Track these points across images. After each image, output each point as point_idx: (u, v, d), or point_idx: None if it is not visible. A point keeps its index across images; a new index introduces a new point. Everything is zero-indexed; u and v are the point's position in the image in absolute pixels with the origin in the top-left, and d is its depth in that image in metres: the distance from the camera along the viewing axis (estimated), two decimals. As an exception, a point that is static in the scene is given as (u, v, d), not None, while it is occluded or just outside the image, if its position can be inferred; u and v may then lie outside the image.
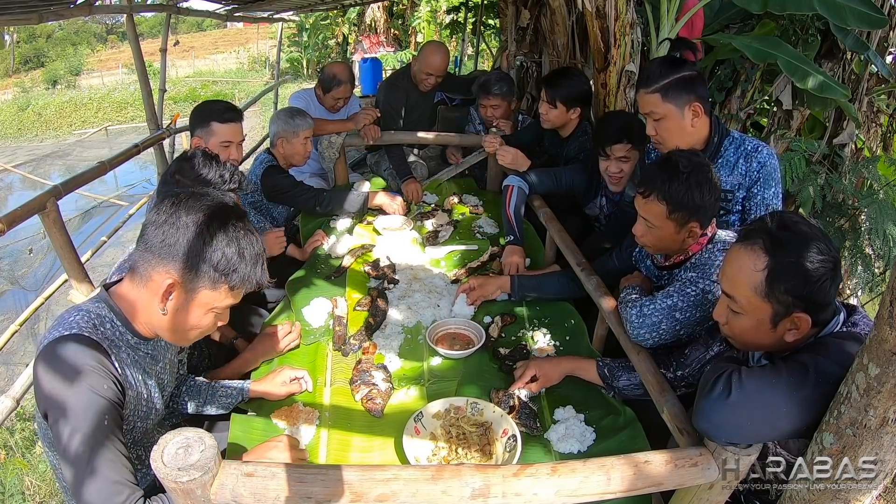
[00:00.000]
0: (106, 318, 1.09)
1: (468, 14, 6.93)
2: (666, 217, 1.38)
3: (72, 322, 1.04)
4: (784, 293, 1.00)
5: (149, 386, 1.18)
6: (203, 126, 1.99)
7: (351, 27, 16.21)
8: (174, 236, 1.02)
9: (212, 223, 1.04)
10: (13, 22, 2.91)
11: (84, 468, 0.94)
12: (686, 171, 1.35)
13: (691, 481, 1.00)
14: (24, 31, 26.83)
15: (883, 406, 0.82)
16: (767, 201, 1.63)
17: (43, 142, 14.60)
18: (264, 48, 22.14)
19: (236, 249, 1.04)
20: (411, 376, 1.60)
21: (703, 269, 1.40)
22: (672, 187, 1.35)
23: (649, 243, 1.48)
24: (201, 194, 1.10)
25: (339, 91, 3.06)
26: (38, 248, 6.62)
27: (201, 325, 1.10)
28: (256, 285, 1.10)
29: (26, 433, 3.35)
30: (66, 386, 0.97)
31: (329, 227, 2.45)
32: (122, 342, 1.10)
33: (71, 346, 1.00)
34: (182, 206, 1.05)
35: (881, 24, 2.24)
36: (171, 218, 1.03)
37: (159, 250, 1.03)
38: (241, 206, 1.87)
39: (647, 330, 1.40)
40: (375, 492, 0.90)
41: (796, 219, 1.04)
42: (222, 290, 1.06)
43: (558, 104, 2.36)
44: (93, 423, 0.96)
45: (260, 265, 1.09)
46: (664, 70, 1.60)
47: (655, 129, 1.66)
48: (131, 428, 1.16)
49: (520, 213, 2.20)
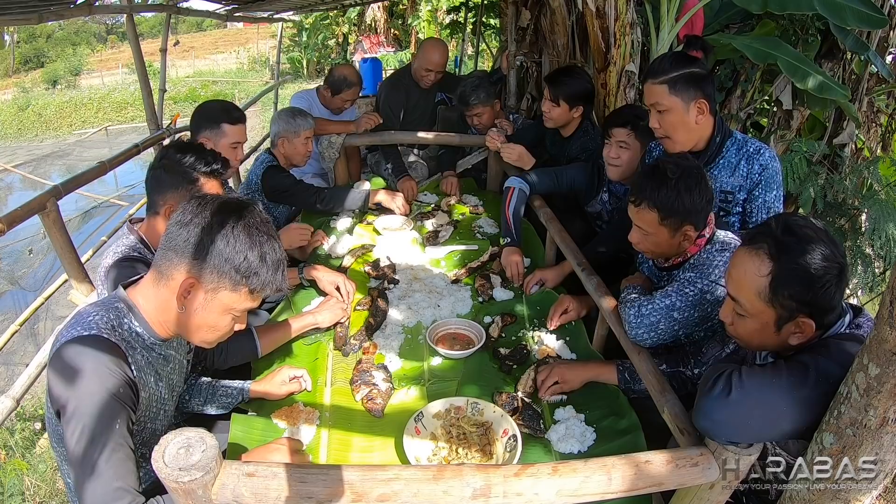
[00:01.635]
0: (124, 319, 1.10)
1: (468, 14, 6.93)
2: (658, 223, 1.39)
3: (90, 322, 1.05)
4: (788, 298, 0.99)
5: (160, 387, 1.18)
6: (213, 127, 1.99)
7: (351, 27, 16.23)
8: (198, 236, 1.03)
9: (237, 225, 1.04)
10: (13, 22, 2.91)
11: (89, 470, 0.94)
12: (674, 176, 1.36)
13: (692, 481, 1.00)
14: (24, 31, 26.85)
15: (883, 406, 0.83)
16: (769, 204, 1.63)
17: (43, 142, 14.61)
18: (264, 48, 22.15)
19: (259, 253, 1.05)
20: (411, 376, 1.60)
21: (701, 269, 1.40)
22: (661, 194, 1.37)
23: (646, 249, 1.50)
24: (229, 199, 1.11)
25: (349, 93, 3.08)
26: (38, 248, 6.62)
27: (219, 326, 1.10)
28: (276, 290, 1.11)
29: (26, 433, 3.35)
30: (81, 386, 0.97)
31: (329, 227, 2.45)
32: (137, 343, 1.11)
33: (88, 347, 1.01)
34: (208, 207, 1.06)
35: (881, 24, 2.24)
36: (197, 219, 1.04)
37: (182, 249, 1.04)
38: (227, 191, 1.88)
39: (644, 330, 1.40)
40: (377, 492, 0.90)
41: (802, 222, 1.03)
42: (243, 293, 1.07)
43: (561, 102, 2.36)
44: (104, 426, 0.97)
45: (281, 271, 1.10)
46: (674, 63, 1.60)
47: (659, 122, 1.65)
48: (142, 429, 1.16)
49: (518, 215, 2.20)
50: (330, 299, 1.83)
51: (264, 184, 2.37)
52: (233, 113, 2.02)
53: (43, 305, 2.93)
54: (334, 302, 1.80)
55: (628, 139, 1.98)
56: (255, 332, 1.61)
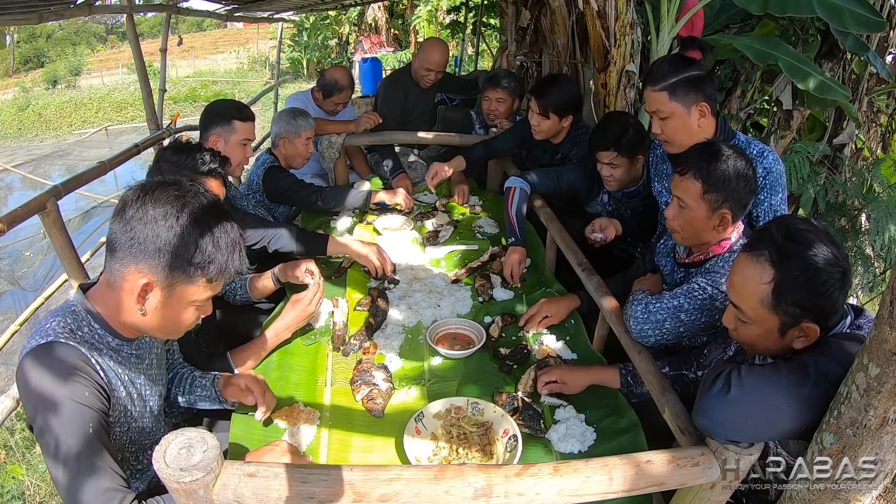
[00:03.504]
0: (83, 322, 1.06)
1: (468, 14, 6.93)
2: (700, 196, 1.37)
3: (48, 329, 1.01)
4: (791, 305, 0.99)
5: (138, 385, 1.15)
6: (224, 124, 2.02)
7: (351, 27, 16.23)
8: (143, 233, 0.97)
9: (181, 215, 0.98)
10: (13, 22, 2.91)
11: (72, 478, 0.93)
12: (726, 154, 1.36)
13: (692, 481, 1.00)
14: (24, 31, 26.82)
15: (883, 406, 0.83)
16: (775, 207, 1.62)
17: (43, 142, 14.60)
18: (264, 48, 22.14)
19: (210, 240, 1.00)
20: (412, 376, 1.60)
21: (714, 276, 1.39)
22: (710, 166, 1.35)
23: (679, 227, 1.45)
24: (168, 184, 1.03)
25: (340, 97, 3.07)
26: (37, 249, 6.62)
27: (183, 319, 1.06)
28: (236, 273, 1.06)
29: (26, 433, 3.35)
30: (47, 396, 0.95)
31: (329, 227, 2.45)
32: (102, 345, 1.07)
33: (49, 355, 0.97)
34: (149, 200, 0.98)
35: (879, 27, 2.25)
36: (139, 213, 0.97)
37: (129, 249, 0.98)
38: (230, 189, 1.85)
39: (650, 326, 1.39)
40: (378, 492, 0.90)
41: (803, 226, 1.02)
42: (200, 284, 1.02)
43: (550, 114, 2.31)
44: (77, 433, 0.94)
45: (237, 252, 1.04)
46: (672, 68, 1.60)
47: (661, 128, 1.66)
48: (126, 429, 1.14)
49: (522, 214, 2.20)
50: (297, 298, 1.68)
51: (265, 184, 2.38)
52: (244, 111, 2.08)
53: (43, 305, 2.94)
54: (295, 300, 1.68)
55: (615, 160, 1.99)
56: (228, 357, 1.56)
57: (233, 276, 1.07)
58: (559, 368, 1.53)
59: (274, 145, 2.49)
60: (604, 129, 2.04)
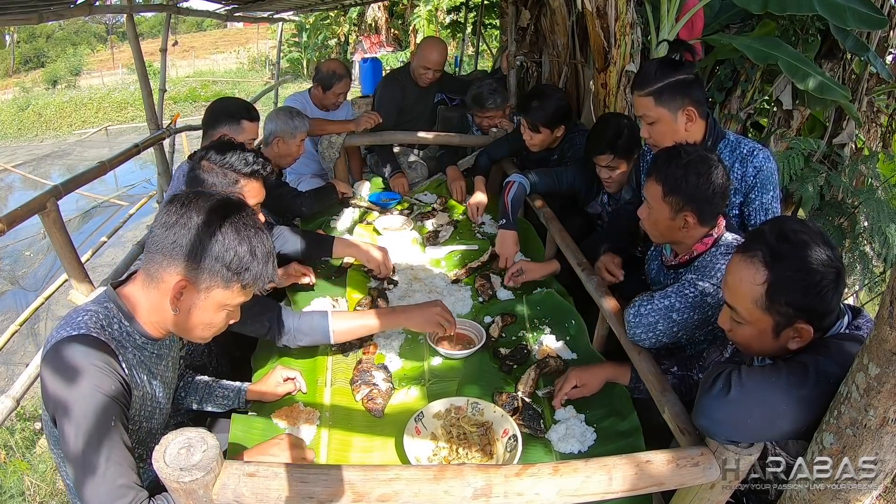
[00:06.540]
0: (114, 319, 1.10)
1: (468, 14, 6.93)
2: (661, 199, 1.40)
3: (79, 322, 1.04)
4: (785, 305, 1.00)
5: (153, 385, 1.18)
6: (233, 123, 2.04)
7: (351, 27, 16.22)
8: (185, 237, 1.03)
9: (223, 222, 1.04)
10: (13, 22, 2.91)
11: (89, 470, 0.94)
12: (686, 157, 1.38)
13: (692, 481, 1.00)
14: (24, 31, 26.80)
15: (883, 406, 0.83)
16: (766, 206, 1.63)
17: (43, 142, 14.60)
18: (264, 48, 22.14)
19: (248, 248, 1.05)
20: (412, 376, 1.60)
21: (703, 271, 1.40)
22: (669, 169, 1.38)
23: (647, 228, 1.51)
24: (210, 194, 1.10)
25: (340, 86, 3.08)
26: (37, 248, 6.62)
27: (214, 323, 1.11)
28: (268, 282, 1.11)
29: (26, 433, 3.35)
30: (73, 387, 0.97)
31: (329, 228, 2.45)
32: (128, 342, 1.11)
33: (78, 347, 1.00)
34: (192, 207, 1.05)
35: (881, 24, 2.24)
36: (182, 219, 1.04)
37: (170, 251, 1.03)
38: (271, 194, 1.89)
39: (643, 330, 1.40)
40: (377, 492, 0.91)
41: (796, 227, 1.03)
42: (235, 289, 1.07)
43: (541, 128, 2.32)
44: (99, 425, 0.96)
45: (271, 263, 1.10)
46: (659, 73, 1.59)
47: (649, 133, 1.66)
48: (137, 428, 1.16)
49: (517, 203, 2.21)
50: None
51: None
52: (252, 111, 2.10)
53: (43, 305, 2.94)
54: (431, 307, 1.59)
55: (612, 162, 1.99)
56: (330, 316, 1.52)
57: (265, 285, 1.11)
58: (573, 372, 1.48)
59: (266, 143, 2.41)
60: (598, 133, 2.04)
